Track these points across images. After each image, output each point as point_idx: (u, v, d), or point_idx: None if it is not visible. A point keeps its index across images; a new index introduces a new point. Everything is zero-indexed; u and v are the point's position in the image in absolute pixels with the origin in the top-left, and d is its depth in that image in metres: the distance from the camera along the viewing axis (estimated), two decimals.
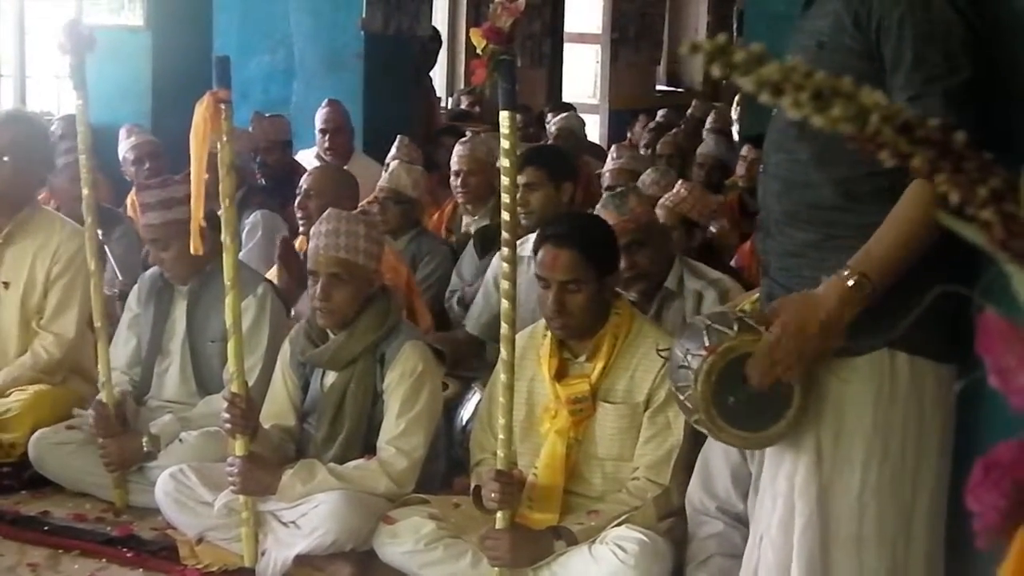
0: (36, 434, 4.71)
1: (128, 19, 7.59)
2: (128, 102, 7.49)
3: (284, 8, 8.58)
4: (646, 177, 6.12)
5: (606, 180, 6.74)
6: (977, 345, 0.87)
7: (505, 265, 3.58)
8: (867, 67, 2.64)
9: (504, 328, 3.61)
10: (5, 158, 5.02)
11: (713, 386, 2.80)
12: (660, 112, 11.68)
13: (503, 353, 3.65)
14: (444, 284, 5.74)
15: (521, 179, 5.20)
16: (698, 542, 3.79)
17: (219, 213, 4.00)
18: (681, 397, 2.91)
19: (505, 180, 3.53)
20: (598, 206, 4.84)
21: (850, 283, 2.60)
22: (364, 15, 8.46)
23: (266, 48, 8.64)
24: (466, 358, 5.23)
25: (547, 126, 9.94)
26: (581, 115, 10.39)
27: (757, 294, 3.24)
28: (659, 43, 15.76)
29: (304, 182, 5.51)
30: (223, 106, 3.82)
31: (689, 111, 12.12)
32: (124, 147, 6.74)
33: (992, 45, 2.65)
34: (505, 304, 3.60)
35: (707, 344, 2.82)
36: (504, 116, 3.47)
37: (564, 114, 9.79)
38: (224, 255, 3.93)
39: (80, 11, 7.65)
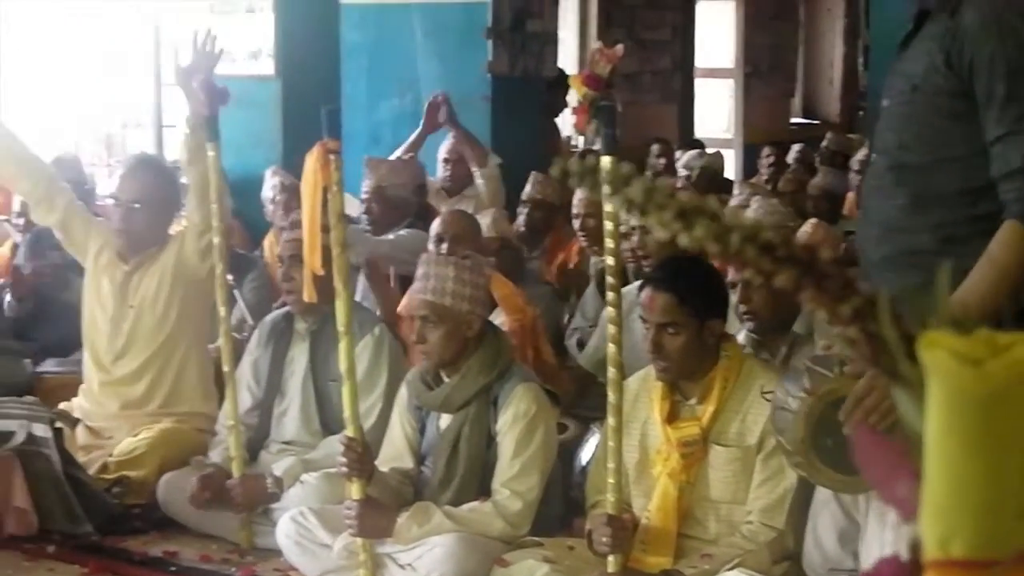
0: (164, 477, 4.86)
1: (259, 69, 7.76)
2: (260, 149, 7.66)
3: (411, 53, 8.71)
4: (751, 210, 6.02)
5: None
6: (855, 458, 0.87)
7: (611, 309, 3.60)
8: (961, 106, 2.62)
9: (611, 371, 3.63)
10: (137, 205, 5.22)
11: (812, 428, 2.79)
12: (795, 147, 11.56)
13: (610, 396, 3.67)
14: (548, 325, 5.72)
15: (636, 222, 5.20)
16: None
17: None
18: (781, 439, 2.90)
19: (609, 225, 3.55)
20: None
21: None
22: (490, 58, 8.55)
23: (395, 92, 8.78)
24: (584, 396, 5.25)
25: (676, 163, 9.92)
26: (717, 150, 10.36)
27: None
28: (793, 76, 15.62)
29: (436, 227, 5.58)
30: (332, 156, 3.90)
31: (824, 143, 11.99)
32: (268, 187, 6.91)
33: None
34: (612, 348, 3.62)
35: (807, 386, 2.81)
36: (605, 162, 3.49)
37: (695, 152, 9.78)
38: (337, 301, 4.01)
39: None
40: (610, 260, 3.57)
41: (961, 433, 0.85)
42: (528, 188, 6.97)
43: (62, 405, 5.36)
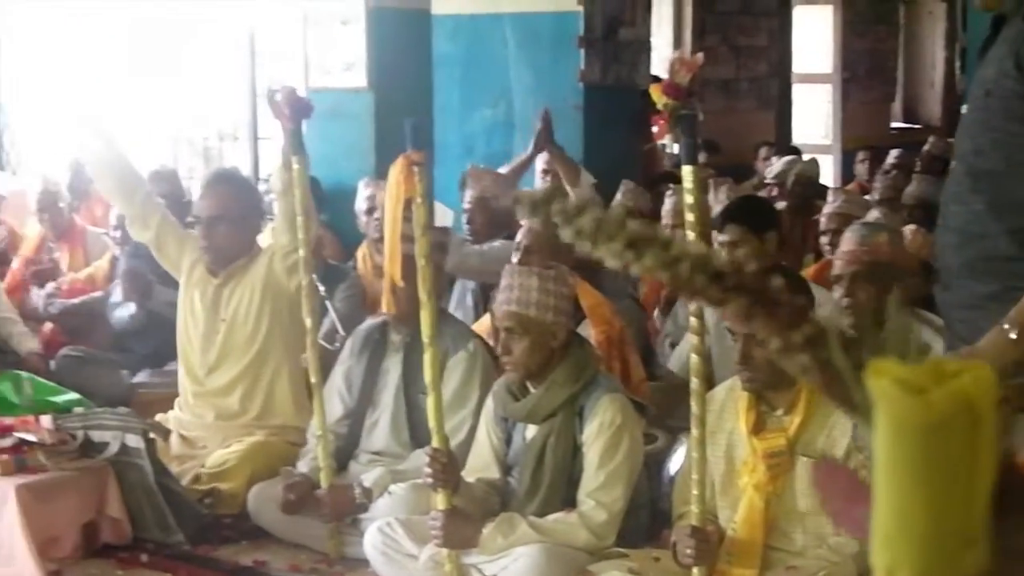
0: (254, 488, 4.91)
1: (352, 81, 7.85)
2: (353, 161, 7.74)
3: (504, 62, 8.73)
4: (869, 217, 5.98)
5: (822, 224, 6.64)
6: (815, 487, 0.86)
7: (694, 320, 3.58)
8: None
9: (694, 383, 3.60)
10: (217, 220, 5.29)
11: None
12: (894, 152, 11.39)
13: (693, 407, 3.64)
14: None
15: (723, 238, 5.22)
16: None
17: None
18: (861, 456, 2.86)
19: (690, 234, 3.53)
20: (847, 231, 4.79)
21: (1012, 336, 2.52)
22: (583, 67, 8.54)
23: (487, 102, 8.80)
24: (676, 405, 5.21)
25: (767, 168, 9.83)
26: (813, 156, 10.25)
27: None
28: (893, 80, 15.41)
29: (522, 237, 5.58)
30: (416, 168, 3.92)
31: (925, 148, 11.80)
32: (361, 199, 6.96)
33: None
34: (695, 359, 3.59)
35: None
36: (687, 171, 3.48)
37: (790, 158, 9.68)
38: (422, 312, 4.02)
39: (307, 75, 7.96)
40: None
41: (905, 462, 0.83)
42: (618, 197, 6.97)
43: (158, 416, 5.45)
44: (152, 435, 4.89)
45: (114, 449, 4.78)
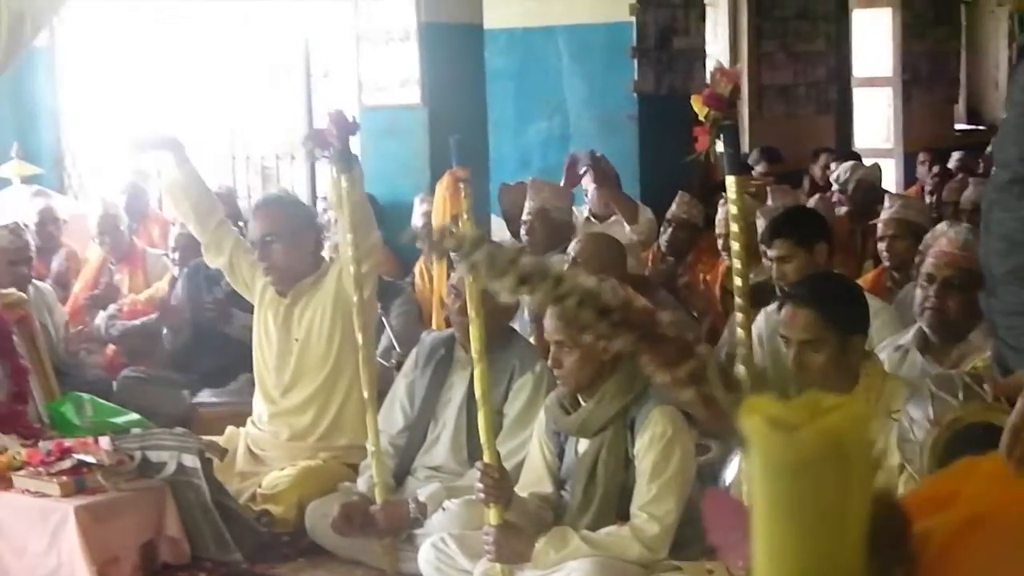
0: (311, 505, 4.94)
1: (406, 98, 7.88)
2: (408, 177, 7.77)
3: (557, 75, 8.76)
4: (938, 229, 5.85)
5: (879, 231, 6.57)
6: (705, 522, 0.85)
7: (740, 331, 3.55)
8: None
9: None
10: (270, 240, 5.33)
11: (939, 460, 2.70)
12: (955, 154, 11.28)
13: None
14: None
15: (773, 253, 5.20)
16: None
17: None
18: (909, 470, 2.82)
19: (735, 245, 3.51)
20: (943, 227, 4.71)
21: None
22: (636, 77, 8.54)
23: (543, 115, 8.83)
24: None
25: (829, 173, 9.77)
26: (875, 160, 10.17)
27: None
28: (955, 81, 15.25)
29: (572, 249, 5.58)
30: (462, 184, 3.93)
31: (988, 149, 11.68)
32: (417, 214, 6.99)
33: None
34: (742, 369, 3.56)
35: (931, 415, 2.72)
36: (730, 181, 3.46)
37: (850, 163, 9.61)
38: (470, 328, 4.03)
39: (361, 93, 8.01)
40: (737, 281, 3.52)
41: (777, 499, 0.83)
42: (673, 208, 6.95)
43: (229, 431, 5.50)
44: (208, 454, 4.93)
45: (171, 469, 4.82)
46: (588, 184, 7.54)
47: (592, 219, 7.47)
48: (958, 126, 15.45)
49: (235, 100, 9.50)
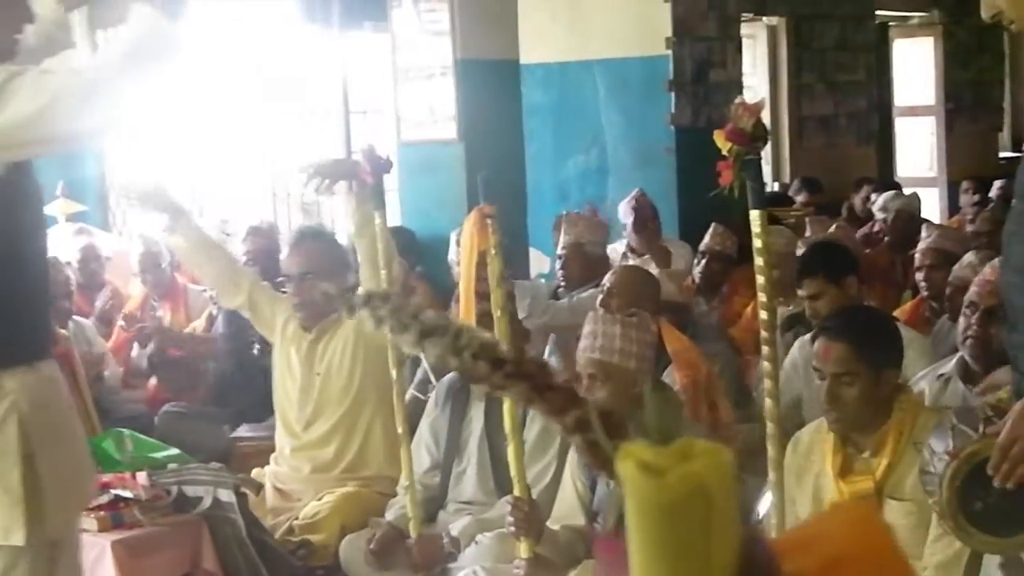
0: (346, 539, 4.96)
1: (442, 133, 7.95)
2: (445, 212, 7.82)
3: (595, 108, 8.79)
4: (965, 260, 5.86)
5: (916, 261, 6.56)
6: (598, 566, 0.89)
7: (766, 364, 3.55)
8: None
9: (769, 426, 3.58)
10: (307, 276, 5.37)
11: (958, 492, 2.71)
12: (997, 182, 11.21)
13: (770, 451, 3.61)
14: None
15: (803, 292, 5.22)
16: None
17: None
18: (931, 502, 2.83)
19: (760, 279, 3.52)
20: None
21: None
22: (673, 110, 8.57)
23: (580, 148, 8.86)
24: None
25: (869, 204, 9.75)
26: (917, 190, 10.14)
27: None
28: (999, 109, 15.17)
29: (607, 281, 5.61)
30: (489, 220, 3.96)
31: None
32: (454, 250, 7.02)
33: None
34: (768, 402, 3.56)
35: (951, 448, 2.73)
36: (754, 216, 3.47)
37: (891, 193, 9.59)
38: None
39: (399, 129, 8.08)
40: (763, 314, 3.52)
41: (648, 540, 0.87)
42: (707, 239, 6.96)
43: (255, 471, 5.54)
44: (243, 489, 4.97)
45: (207, 504, 4.85)
46: (627, 218, 7.56)
47: (630, 254, 7.49)
48: (1003, 154, 15.36)
49: (276, 137, 9.60)
